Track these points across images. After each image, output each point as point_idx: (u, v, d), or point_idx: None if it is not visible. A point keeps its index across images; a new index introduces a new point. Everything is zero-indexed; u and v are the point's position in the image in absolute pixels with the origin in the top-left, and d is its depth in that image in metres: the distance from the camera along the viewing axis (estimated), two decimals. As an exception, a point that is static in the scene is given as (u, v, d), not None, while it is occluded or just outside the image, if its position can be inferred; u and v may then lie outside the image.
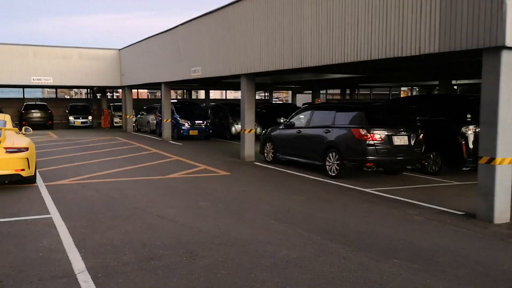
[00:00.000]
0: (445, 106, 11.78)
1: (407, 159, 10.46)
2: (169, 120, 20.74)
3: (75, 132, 26.20)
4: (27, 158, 8.63)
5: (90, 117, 30.62)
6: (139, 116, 27.48)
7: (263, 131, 14.41)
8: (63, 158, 13.67)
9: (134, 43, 24.31)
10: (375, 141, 10.03)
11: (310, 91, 32.94)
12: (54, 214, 7.00)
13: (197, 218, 6.91)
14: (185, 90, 43.26)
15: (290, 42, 11.14)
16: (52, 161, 12.93)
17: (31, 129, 11.17)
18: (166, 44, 19.75)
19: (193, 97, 46.15)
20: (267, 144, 13.45)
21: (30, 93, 44.32)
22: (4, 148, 8.35)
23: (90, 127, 30.15)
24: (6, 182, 8.87)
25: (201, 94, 48.88)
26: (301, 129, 12.02)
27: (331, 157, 10.74)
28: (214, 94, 51.60)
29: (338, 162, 10.54)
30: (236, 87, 33.45)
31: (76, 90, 57.03)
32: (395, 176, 11.15)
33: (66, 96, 54.89)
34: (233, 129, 21.16)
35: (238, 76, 14.09)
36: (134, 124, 27.56)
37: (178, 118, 20.79)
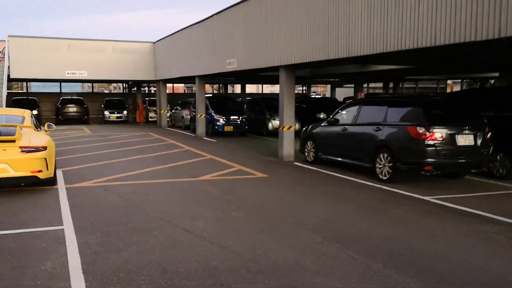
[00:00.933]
0: (514, 101, 10.26)
1: (473, 162, 9.07)
2: (203, 115, 19.84)
3: (110, 127, 25.78)
4: (45, 159, 7.83)
5: (125, 112, 30.22)
6: (173, 111, 26.79)
7: (303, 128, 13.22)
8: (92, 156, 12.95)
9: (168, 36, 23.54)
10: (435, 141, 8.69)
11: (351, 85, 31.43)
12: (68, 225, 6.11)
13: (229, 233, 5.85)
14: (221, 84, 42.43)
15: (336, 28, 9.89)
16: (80, 159, 12.22)
17: (54, 126, 10.46)
18: (200, 35, 18.81)
19: (229, 91, 45.32)
20: (308, 142, 12.27)
21: (70, 88, 44.59)
22: (20, 147, 7.56)
23: (125, 122, 29.76)
24: (22, 184, 8.11)
25: (237, 88, 48.08)
26: (346, 127, 10.78)
27: (382, 159, 9.46)
28: (250, 88, 50.57)
29: (390, 164, 9.26)
30: (273, 81, 32.30)
31: (115, 84, 57.35)
32: (455, 180, 9.77)
33: (105, 91, 55.18)
34: (270, 125, 20.07)
35: (276, 69, 12.96)
36: (168, 119, 26.92)
37: (212, 114, 19.87)
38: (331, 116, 11.62)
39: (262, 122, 20.63)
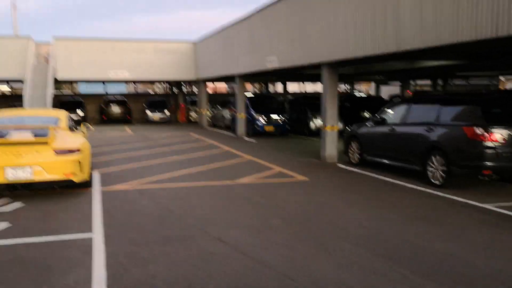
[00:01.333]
0: None
1: (539, 166, 8.16)
2: (244, 115, 19.47)
3: (152, 127, 25.92)
4: (79, 161, 7.63)
5: (167, 112, 30.39)
6: (214, 110, 26.62)
7: (346, 128, 12.56)
8: (131, 157, 12.83)
9: (209, 35, 23.36)
10: (494, 143, 7.87)
11: (397, 82, 30.23)
12: (97, 232, 5.82)
13: (266, 244, 5.37)
14: (262, 83, 42.04)
15: (384, 21, 9.20)
16: (118, 160, 12.11)
17: (91, 127, 10.37)
18: (241, 33, 18.45)
19: (271, 90, 44.86)
20: (352, 143, 11.61)
21: (114, 88, 45.52)
22: (53, 149, 7.40)
23: (167, 122, 29.92)
24: (56, 187, 7.96)
25: (279, 87, 47.51)
26: (394, 127, 10.06)
27: (434, 161, 8.71)
28: (293, 87, 49.92)
29: (443, 168, 8.50)
30: (316, 79, 31.55)
31: (159, 84, 58.23)
32: (517, 186, 8.87)
33: (150, 91, 56.03)
34: (312, 124, 19.45)
35: (318, 66, 12.37)
36: (209, 119, 26.78)
37: (253, 113, 19.47)
38: (377, 115, 10.92)
39: (303, 122, 20.03)
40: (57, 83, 33.17)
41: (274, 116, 19.44)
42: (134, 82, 34.82)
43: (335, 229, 6.03)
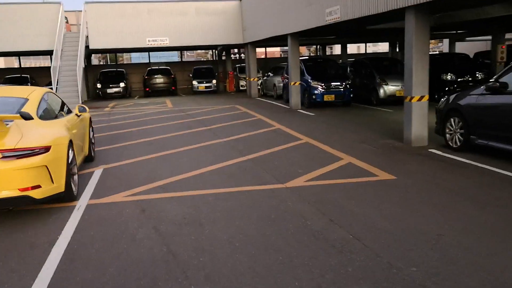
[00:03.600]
0: None
1: None
2: (298, 82, 16.28)
3: (196, 98, 23.33)
4: (47, 166, 4.97)
5: (214, 81, 27.73)
6: (265, 78, 23.54)
7: (436, 97, 9.14)
8: (155, 142, 10.19)
9: (256, -10, 20.08)
10: None
11: (480, 38, 25.65)
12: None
13: None
14: (317, 46, 38.19)
15: None
16: (138, 148, 9.49)
17: (87, 108, 7.76)
18: (293, -18, 15.09)
19: (327, 53, 40.89)
20: (452, 120, 8.25)
21: (167, 57, 43.13)
22: (0, 151, 4.76)
23: (214, 92, 27.30)
24: (11, 208, 5.38)
25: (336, 49, 43.30)
26: (528, 96, 6.62)
27: None
28: (351, 49, 45.41)
29: None
30: (381, 37, 27.45)
31: (210, 51, 55.43)
32: None
33: (202, 59, 53.31)
34: (381, 91, 15.98)
35: (391, 18, 8.96)
36: (259, 87, 23.78)
37: (309, 80, 16.23)
38: (493, 79, 7.47)
39: (371, 88, 16.57)
40: (94, 53, 31.29)
41: (335, 83, 16.11)
42: (174, 49, 32.20)
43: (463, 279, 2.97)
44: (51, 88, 22.74)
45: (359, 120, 12.76)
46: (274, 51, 51.77)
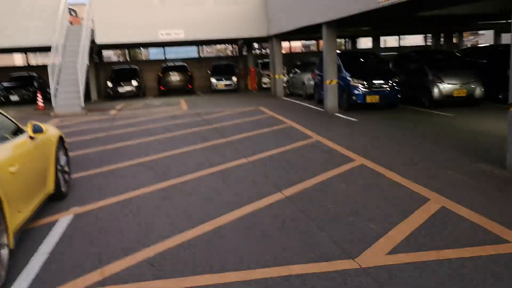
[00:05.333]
0: None
1: None
2: (335, 81, 13.63)
3: (215, 98, 20.87)
4: None
5: (234, 79, 25.23)
6: (291, 75, 20.91)
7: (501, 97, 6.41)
8: (157, 163, 7.73)
9: (283, -26, 17.46)
10: None
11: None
12: None
13: None
14: (346, 40, 35.28)
15: None
16: (131, 174, 7.05)
17: (43, 126, 5.29)
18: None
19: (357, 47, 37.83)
20: None
21: (185, 53, 40.53)
22: None
23: (235, 90, 24.82)
24: None
25: (360, 43, 39.99)
26: None
27: None
28: (385, 42, 42.01)
29: None
30: (427, 26, 24.47)
31: (230, 46, 52.83)
32: None
33: (222, 55, 50.72)
34: (435, 91, 13.25)
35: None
36: (285, 85, 21.18)
37: (348, 78, 13.57)
38: None
39: (423, 87, 13.81)
40: (105, 48, 29.06)
41: (379, 81, 13.43)
42: (191, 43, 29.78)
43: None
44: (41, 91, 20.53)
45: (420, 129, 10.09)
46: (295, 46, 48.84)
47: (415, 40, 47.50)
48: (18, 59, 43.24)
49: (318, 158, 7.55)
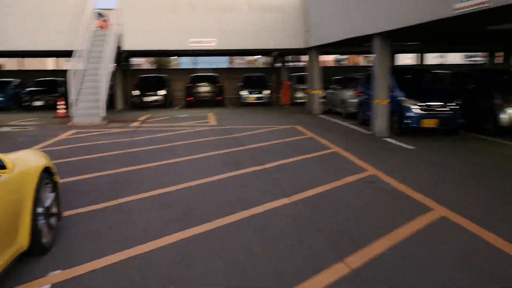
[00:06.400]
0: None
1: None
2: (386, 100, 11.90)
3: (246, 112, 19.37)
4: None
5: (266, 92, 23.74)
6: (328, 91, 19.24)
7: None
8: (176, 199, 6.20)
9: (326, -20, 15.92)
10: None
11: None
12: None
13: None
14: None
15: None
16: (140, 215, 5.53)
17: (9, 163, 3.77)
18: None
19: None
20: None
21: (216, 64, 39.28)
22: None
23: (266, 104, 23.32)
24: None
25: (397, 59, 37.97)
26: None
27: None
28: (432, 59, 39.73)
29: None
30: (482, 42, 22.54)
31: (260, 57, 51.45)
32: None
33: (251, 66, 49.29)
34: (503, 116, 11.40)
35: None
36: (321, 100, 19.50)
37: (400, 98, 11.83)
38: None
39: (486, 112, 11.95)
40: (133, 55, 28.08)
41: (438, 103, 11.64)
42: (222, 53, 28.54)
43: None
44: (65, 97, 19.28)
45: (494, 164, 8.27)
46: (327, 60, 46.98)
47: (453, 58, 45.24)
48: (50, 63, 42.92)
49: (381, 204, 5.87)
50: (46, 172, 4.35)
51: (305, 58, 41.91)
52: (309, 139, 11.44)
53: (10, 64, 37.31)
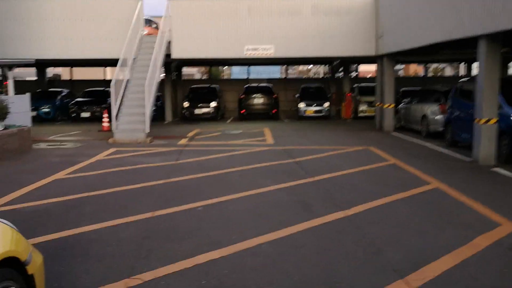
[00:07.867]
0: None
1: None
2: (494, 119, 9.36)
3: (305, 127, 17.27)
4: None
5: (326, 104, 21.59)
6: (402, 104, 16.74)
7: None
8: (226, 271, 4.17)
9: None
10: None
11: None
12: None
13: None
14: (458, 63, 30.14)
15: None
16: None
17: None
18: None
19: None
20: None
21: (267, 73, 37.27)
22: None
23: (325, 118, 21.16)
24: None
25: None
26: None
27: None
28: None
29: None
30: None
31: (313, 66, 49.07)
32: None
33: (303, 76, 46.84)
34: None
35: None
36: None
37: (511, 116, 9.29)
38: None
39: None
40: (187, 64, 26.74)
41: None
42: (281, 62, 26.54)
43: None
44: (104, 108, 17.88)
45: None
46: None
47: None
48: (108, 73, 42.33)
49: None
50: (7, 266, 2.42)
51: (362, 67, 39.14)
52: (393, 166, 9.14)
53: (66, 74, 37.18)
